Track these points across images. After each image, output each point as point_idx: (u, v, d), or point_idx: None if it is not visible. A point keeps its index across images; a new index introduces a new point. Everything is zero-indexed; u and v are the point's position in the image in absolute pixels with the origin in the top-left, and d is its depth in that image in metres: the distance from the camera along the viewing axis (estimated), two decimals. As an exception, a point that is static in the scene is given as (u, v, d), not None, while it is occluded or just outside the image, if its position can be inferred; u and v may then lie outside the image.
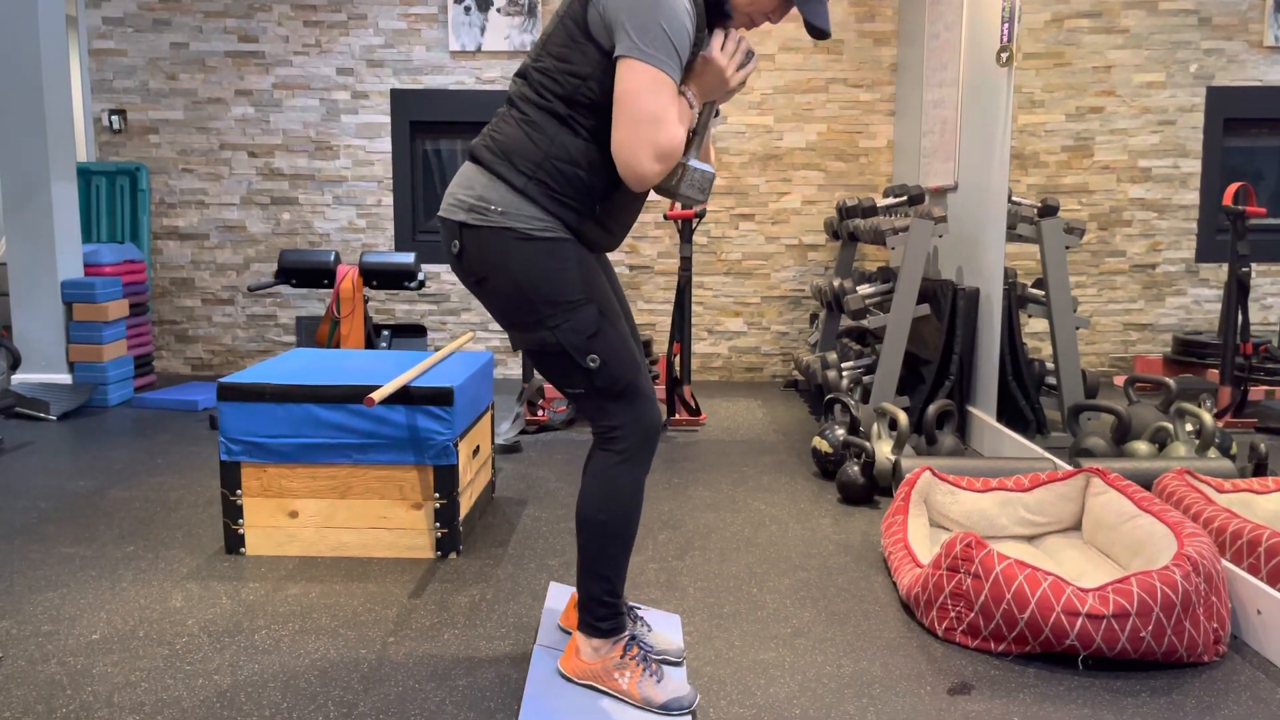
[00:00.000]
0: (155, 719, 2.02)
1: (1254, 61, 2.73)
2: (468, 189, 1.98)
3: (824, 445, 3.84)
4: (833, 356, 4.77)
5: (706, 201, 2.02)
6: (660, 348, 6.02)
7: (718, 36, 1.93)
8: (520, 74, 2.00)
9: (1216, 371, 2.88)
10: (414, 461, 2.92)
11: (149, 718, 2.02)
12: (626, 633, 2.13)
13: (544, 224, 1.95)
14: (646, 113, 1.81)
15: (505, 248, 1.95)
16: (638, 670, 2.08)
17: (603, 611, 2.08)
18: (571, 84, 1.90)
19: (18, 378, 5.15)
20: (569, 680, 2.13)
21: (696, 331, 6.10)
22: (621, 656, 2.10)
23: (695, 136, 2.02)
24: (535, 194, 1.94)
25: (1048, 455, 3.56)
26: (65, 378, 5.14)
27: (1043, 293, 3.70)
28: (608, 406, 2.00)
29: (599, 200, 1.98)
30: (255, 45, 5.88)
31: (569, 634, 2.37)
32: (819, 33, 1.90)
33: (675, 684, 2.09)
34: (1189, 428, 3.03)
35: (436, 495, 2.94)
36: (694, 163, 1.97)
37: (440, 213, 2.04)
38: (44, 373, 5.15)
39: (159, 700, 2.10)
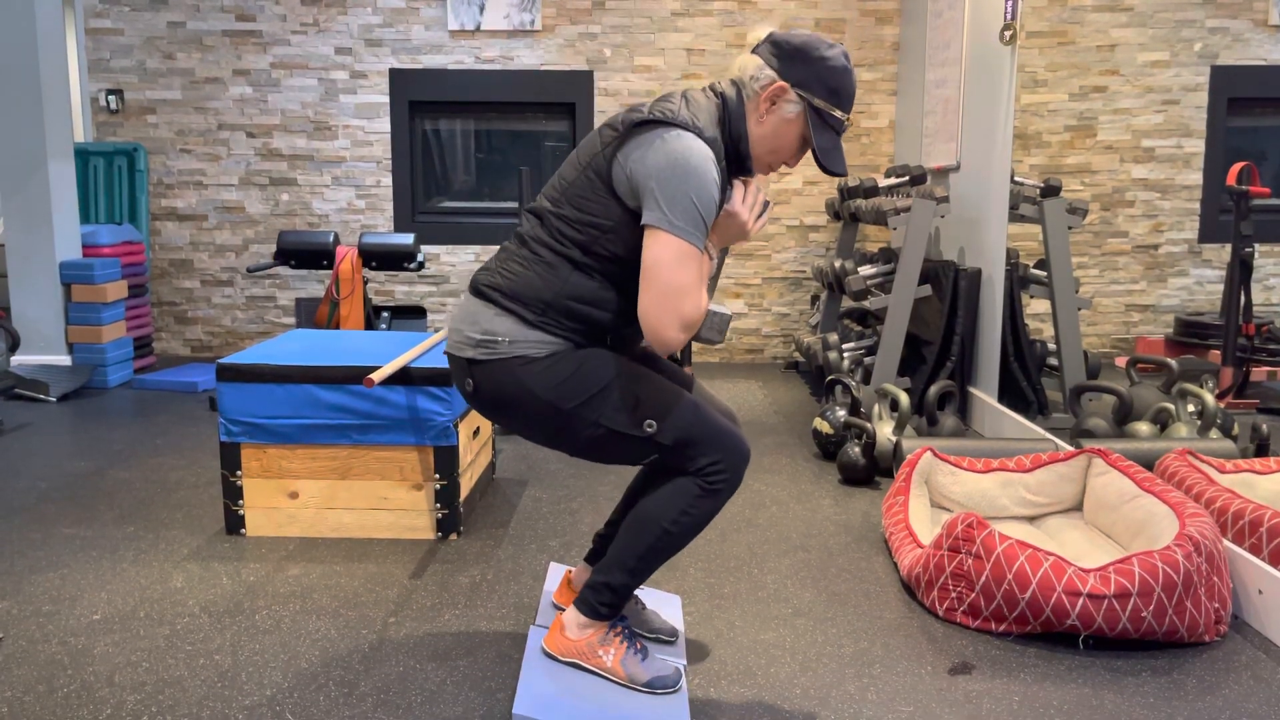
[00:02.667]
0: (156, 698, 2.02)
1: (1259, 40, 2.71)
2: (473, 325, 1.98)
3: (825, 426, 3.83)
4: (834, 338, 4.76)
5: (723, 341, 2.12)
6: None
7: (739, 189, 1.96)
8: (535, 214, 2.00)
9: (1218, 352, 2.87)
10: (414, 442, 2.91)
11: (150, 697, 2.03)
12: None
13: (554, 346, 1.95)
14: (674, 285, 1.82)
15: (519, 374, 1.94)
16: (622, 648, 2.09)
17: (611, 599, 2.07)
18: (591, 235, 1.91)
19: (17, 359, 5.15)
20: (553, 659, 2.13)
21: (697, 313, 6.08)
22: (606, 634, 2.10)
23: (711, 282, 2.05)
24: (546, 326, 1.95)
25: (1049, 436, 3.56)
26: (64, 359, 5.13)
27: (1045, 273, 3.69)
28: (691, 452, 1.96)
29: (610, 333, 2.01)
30: (253, 24, 5.84)
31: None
32: (834, 174, 1.96)
33: (660, 662, 2.09)
34: (1191, 408, 3.03)
35: (437, 476, 2.93)
36: (712, 306, 2.02)
37: (446, 349, 2.04)
38: (43, 354, 5.14)
39: (160, 680, 2.10)
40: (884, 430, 3.66)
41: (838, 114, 1.93)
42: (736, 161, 1.98)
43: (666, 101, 1.92)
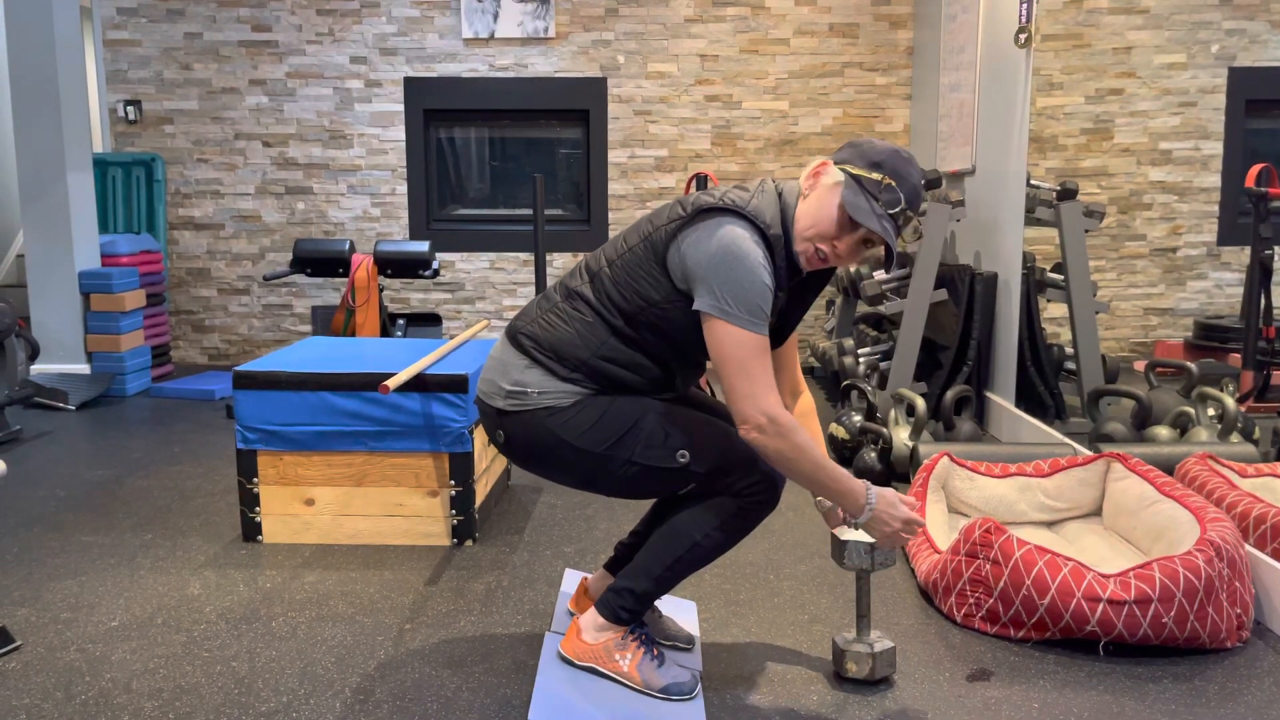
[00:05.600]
0: (173, 705, 2.03)
1: (1276, 41, 2.69)
2: (504, 375, 2.00)
3: (841, 431, 3.82)
4: (849, 342, 4.74)
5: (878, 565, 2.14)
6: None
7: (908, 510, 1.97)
8: (589, 271, 2.01)
9: (1239, 356, 2.85)
10: (429, 449, 2.92)
11: (167, 704, 2.03)
12: None
13: (579, 395, 1.97)
14: (744, 366, 1.82)
15: (547, 424, 1.96)
16: (639, 653, 2.08)
17: (634, 604, 2.07)
18: (637, 304, 1.93)
19: (36, 368, 5.19)
20: (570, 663, 2.13)
21: (712, 319, 6.07)
22: (623, 638, 2.09)
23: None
24: (576, 380, 1.97)
25: (1067, 441, 3.53)
26: (83, 368, 5.17)
27: (1062, 277, 3.67)
28: (728, 478, 1.96)
29: (640, 395, 2.02)
30: (269, 34, 5.88)
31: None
32: (861, 225, 1.89)
33: (676, 668, 2.08)
34: (1211, 412, 3.00)
35: (452, 482, 2.93)
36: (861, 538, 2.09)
37: (477, 396, 2.07)
38: (62, 363, 5.18)
39: (177, 687, 2.10)
40: (900, 435, 3.65)
41: (876, 177, 1.87)
42: (790, 253, 1.96)
43: (740, 190, 1.94)
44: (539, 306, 2.05)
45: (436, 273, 4.70)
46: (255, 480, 2.95)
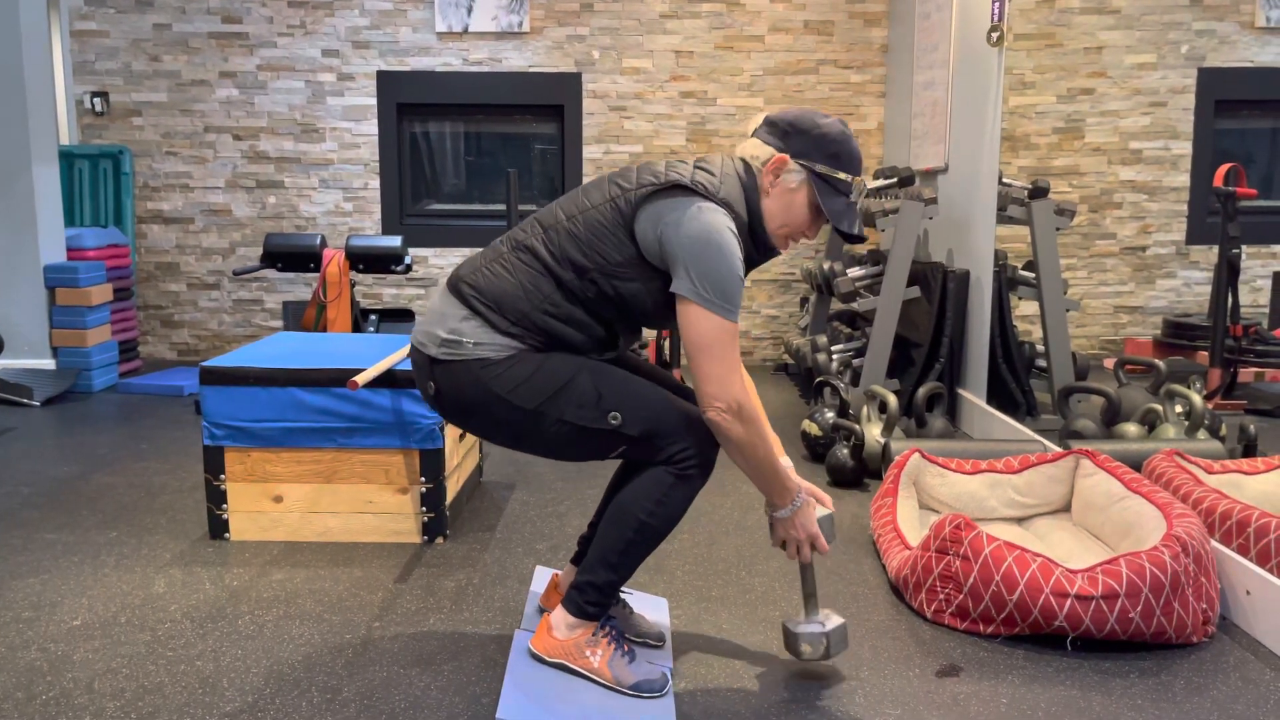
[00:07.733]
0: (136, 705, 2.00)
1: (1245, 42, 2.71)
2: (440, 323, 1.99)
3: (813, 428, 3.82)
4: (823, 339, 4.75)
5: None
6: (650, 333, 5.99)
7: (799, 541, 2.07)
8: (541, 224, 2.00)
9: (1206, 354, 2.87)
10: (400, 445, 2.89)
11: (130, 704, 2.00)
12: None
13: (514, 349, 1.96)
14: (728, 356, 1.86)
15: (479, 375, 1.94)
16: (609, 649, 2.07)
17: (597, 597, 2.06)
18: (597, 261, 1.92)
19: (0, 363, 5.10)
20: (540, 660, 2.12)
21: (686, 315, 6.06)
22: (594, 635, 2.08)
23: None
24: (514, 334, 1.95)
25: (1037, 437, 3.55)
26: (49, 363, 5.10)
27: (1033, 275, 3.69)
28: (659, 442, 1.94)
29: (578, 354, 2.01)
30: (239, 26, 5.82)
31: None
32: (849, 238, 1.98)
33: (647, 666, 2.07)
34: (1179, 410, 3.03)
35: (423, 479, 2.91)
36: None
37: (411, 345, 2.04)
38: (27, 358, 5.10)
39: (140, 687, 2.07)
40: (872, 432, 3.66)
41: (842, 176, 1.96)
42: (753, 239, 1.99)
43: (706, 171, 1.94)
44: (484, 257, 2.03)
45: (409, 268, 4.66)
46: (222, 477, 2.91)
